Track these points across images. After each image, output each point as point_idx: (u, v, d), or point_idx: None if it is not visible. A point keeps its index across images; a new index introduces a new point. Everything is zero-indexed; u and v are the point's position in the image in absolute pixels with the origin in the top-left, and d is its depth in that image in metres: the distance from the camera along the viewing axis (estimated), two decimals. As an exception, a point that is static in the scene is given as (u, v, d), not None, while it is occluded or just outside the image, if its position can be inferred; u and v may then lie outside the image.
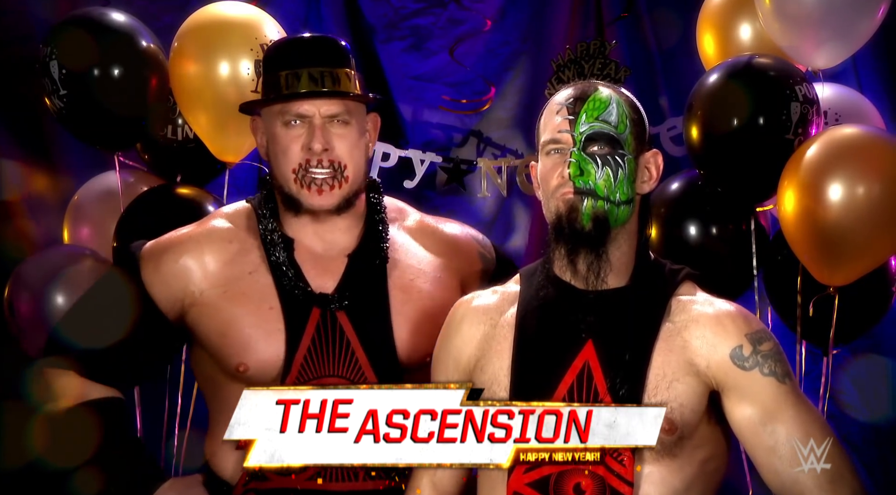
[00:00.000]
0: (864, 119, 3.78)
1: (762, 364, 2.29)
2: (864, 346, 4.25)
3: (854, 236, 3.39)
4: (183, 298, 2.72)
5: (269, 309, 2.70)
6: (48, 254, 3.91)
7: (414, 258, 2.81)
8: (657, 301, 2.33)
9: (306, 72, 2.70)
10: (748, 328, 2.32)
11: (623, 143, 2.30)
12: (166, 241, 2.80)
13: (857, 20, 3.55)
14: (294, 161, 2.69)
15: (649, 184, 2.36)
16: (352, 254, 2.75)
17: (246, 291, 2.71)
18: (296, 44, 2.78)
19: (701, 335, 2.31)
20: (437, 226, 2.89)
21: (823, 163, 3.42)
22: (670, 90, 4.46)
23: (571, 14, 4.58)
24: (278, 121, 2.71)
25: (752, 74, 3.56)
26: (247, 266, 2.73)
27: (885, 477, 4.39)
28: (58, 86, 3.62)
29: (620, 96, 2.34)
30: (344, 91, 2.72)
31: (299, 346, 2.67)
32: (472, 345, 2.44)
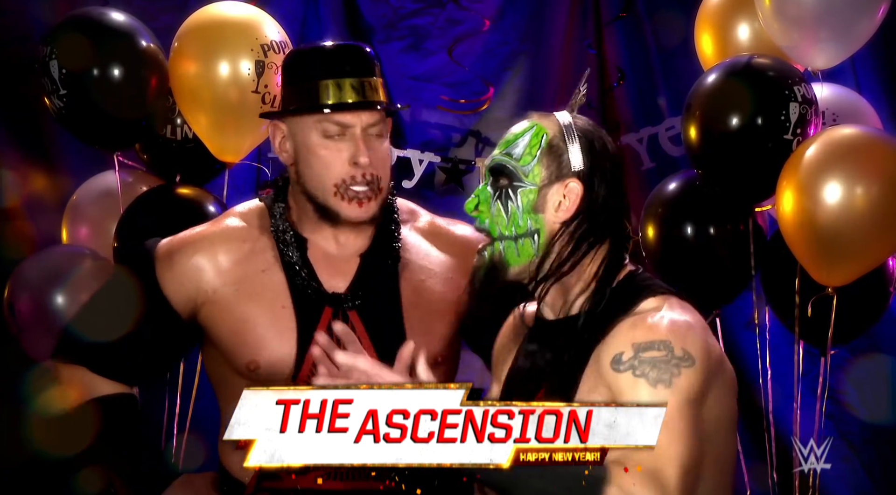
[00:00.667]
0: (861, 119, 3.78)
1: (636, 367, 2.16)
2: (862, 346, 4.26)
3: (852, 237, 3.39)
4: (196, 296, 2.73)
5: (282, 307, 2.71)
6: (48, 254, 3.91)
7: (425, 259, 2.81)
8: (603, 323, 2.26)
9: (348, 82, 2.69)
10: (642, 337, 2.18)
11: (524, 175, 2.29)
12: (180, 240, 2.80)
13: (856, 20, 3.55)
14: (337, 175, 2.68)
15: (563, 214, 2.29)
16: (364, 254, 2.76)
17: (259, 289, 2.72)
18: (332, 52, 2.74)
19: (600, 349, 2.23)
20: (449, 228, 2.89)
21: (822, 164, 3.42)
22: (669, 90, 4.47)
23: (570, 14, 4.59)
24: (316, 130, 2.70)
25: (751, 75, 3.56)
26: (260, 264, 2.74)
27: (884, 477, 4.40)
28: (58, 85, 3.62)
29: (551, 125, 2.31)
30: (385, 102, 2.72)
31: (311, 344, 2.61)
32: (502, 353, 2.48)
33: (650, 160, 4.25)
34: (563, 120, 2.33)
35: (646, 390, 2.15)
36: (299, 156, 2.73)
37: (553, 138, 2.31)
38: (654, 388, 2.14)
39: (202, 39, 3.65)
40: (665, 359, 2.16)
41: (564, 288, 2.32)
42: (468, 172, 4.42)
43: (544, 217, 2.30)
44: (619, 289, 2.31)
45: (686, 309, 2.27)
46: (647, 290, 2.29)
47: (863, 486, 4.39)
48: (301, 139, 2.72)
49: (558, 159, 2.30)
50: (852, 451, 4.37)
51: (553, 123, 2.32)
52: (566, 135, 2.32)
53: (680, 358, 2.16)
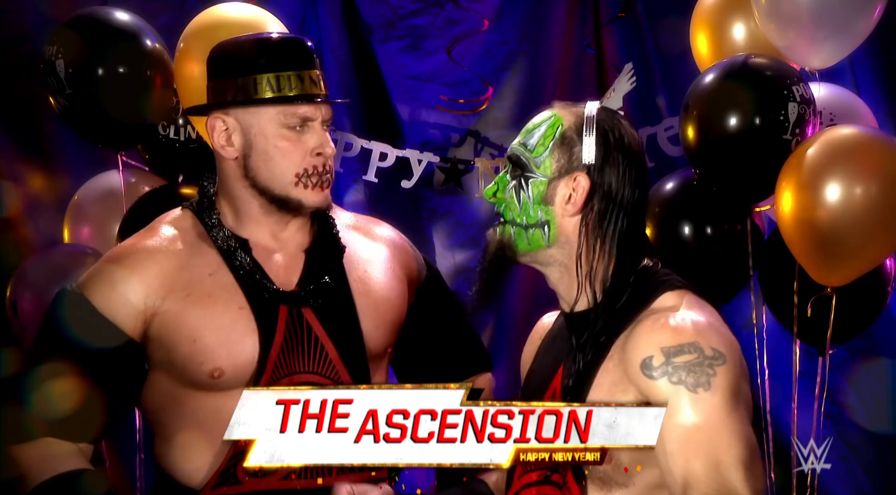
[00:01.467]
0: (858, 119, 3.78)
1: (671, 374, 2.16)
2: (861, 346, 4.26)
3: (852, 237, 3.39)
4: (144, 310, 2.62)
5: (240, 309, 2.64)
6: (51, 254, 3.91)
7: (362, 251, 2.79)
8: (621, 318, 2.27)
9: (307, 74, 2.68)
10: (669, 341, 2.18)
11: (535, 166, 2.29)
12: (111, 258, 2.70)
13: (853, 20, 3.55)
14: (298, 165, 2.66)
15: (572, 207, 2.30)
16: (308, 249, 2.73)
17: (210, 292, 2.65)
18: (286, 44, 2.72)
19: (625, 348, 2.23)
20: (374, 224, 2.89)
21: (821, 164, 3.42)
22: (668, 90, 4.47)
23: (569, 14, 4.59)
24: (275, 123, 2.66)
25: (750, 75, 3.56)
26: (205, 268, 2.67)
27: (883, 477, 4.40)
28: (63, 85, 3.62)
29: (569, 117, 2.31)
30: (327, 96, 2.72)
31: (272, 345, 2.64)
32: (527, 360, 2.49)
33: (649, 160, 4.23)
34: (586, 112, 2.31)
35: (686, 396, 2.15)
36: (253, 150, 2.66)
37: (567, 130, 2.30)
38: (695, 393, 2.15)
39: (207, 40, 3.62)
40: (698, 361, 2.17)
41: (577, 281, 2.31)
42: (467, 172, 4.42)
43: (554, 209, 2.30)
44: (637, 283, 2.31)
45: (703, 306, 2.27)
46: (664, 285, 2.30)
47: (861, 486, 4.40)
48: (256, 131, 2.66)
49: (569, 152, 2.30)
50: (851, 451, 4.37)
51: (572, 115, 2.32)
52: (582, 128, 2.30)
53: (711, 357, 2.17)
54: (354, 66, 4.56)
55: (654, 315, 2.24)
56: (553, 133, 2.30)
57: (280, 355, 2.64)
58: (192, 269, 2.66)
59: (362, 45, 4.54)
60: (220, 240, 2.68)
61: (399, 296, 2.80)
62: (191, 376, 2.63)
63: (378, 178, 4.35)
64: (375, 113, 4.56)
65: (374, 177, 4.34)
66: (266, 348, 2.63)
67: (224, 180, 2.71)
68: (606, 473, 2.21)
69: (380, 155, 4.33)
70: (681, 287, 2.30)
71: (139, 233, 2.74)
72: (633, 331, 2.23)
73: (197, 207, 2.73)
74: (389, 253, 2.83)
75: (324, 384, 2.65)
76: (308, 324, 2.67)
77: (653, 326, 2.21)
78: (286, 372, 2.64)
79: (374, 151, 4.33)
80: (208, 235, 2.69)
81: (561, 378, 2.30)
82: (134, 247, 2.68)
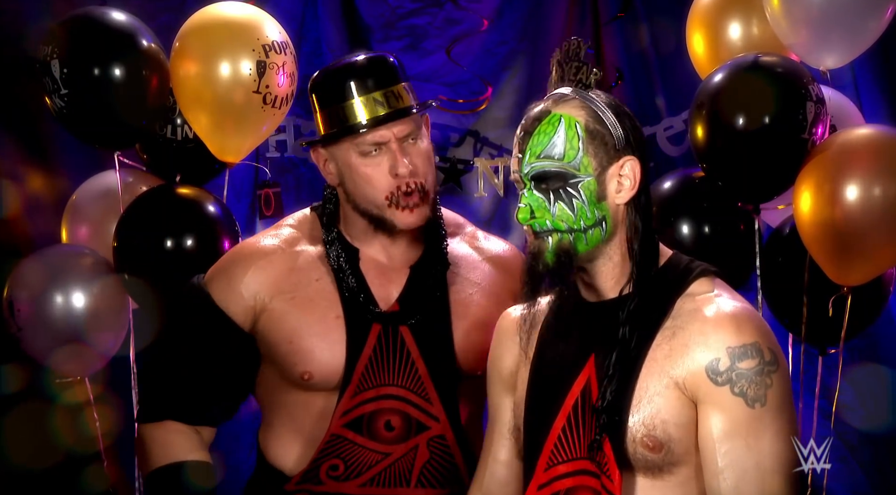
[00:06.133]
0: (848, 119, 3.76)
1: (735, 382, 2.19)
2: (861, 346, 4.26)
3: (870, 236, 3.37)
4: (254, 305, 2.78)
5: (336, 318, 2.75)
6: (48, 254, 3.90)
7: (472, 272, 2.85)
8: (658, 305, 2.27)
9: (372, 97, 2.72)
10: (734, 340, 2.21)
11: (575, 170, 2.25)
12: (235, 254, 2.86)
13: (866, 20, 3.52)
14: (385, 188, 2.72)
15: (626, 193, 2.28)
16: (414, 265, 2.80)
17: (313, 298, 2.77)
18: (353, 70, 2.76)
19: (684, 343, 2.23)
20: (491, 241, 2.93)
21: (840, 164, 3.40)
22: (667, 90, 4.47)
23: (568, 14, 4.58)
24: (353, 151, 2.74)
25: (768, 73, 3.50)
26: (313, 273, 2.79)
27: (881, 476, 4.40)
28: (59, 85, 3.60)
29: (579, 111, 2.27)
30: (411, 105, 2.74)
31: (360, 357, 2.73)
32: (511, 358, 2.46)
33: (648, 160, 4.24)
34: (583, 98, 2.29)
35: (743, 411, 2.19)
36: (344, 177, 2.76)
37: (588, 123, 2.27)
38: (752, 409, 2.19)
39: (203, 40, 3.64)
40: (758, 369, 2.19)
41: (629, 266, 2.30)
42: (466, 172, 4.42)
43: (607, 203, 2.27)
44: (667, 268, 2.31)
45: (733, 291, 2.31)
46: (693, 269, 2.30)
47: (860, 486, 4.40)
48: (342, 161, 2.76)
49: (602, 143, 2.27)
50: (850, 451, 4.37)
51: (575, 107, 2.28)
52: (598, 116, 2.28)
53: (769, 363, 2.20)
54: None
55: (702, 302, 2.25)
56: (575, 133, 2.26)
57: (367, 367, 2.73)
58: (301, 272, 2.79)
59: (362, 45, 4.53)
60: (332, 258, 2.79)
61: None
62: (286, 373, 2.77)
63: (377, 178, 4.33)
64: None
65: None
66: (353, 360, 2.73)
67: (341, 198, 2.82)
68: (654, 462, 2.23)
69: (379, 155, 4.32)
70: (709, 271, 2.31)
71: (265, 230, 2.91)
72: (685, 320, 2.24)
73: (322, 212, 2.85)
74: (501, 278, 2.86)
75: (409, 398, 2.74)
76: (402, 339, 2.75)
77: (717, 321, 2.23)
78: (373, 384, 2.73)
79: (374, 151, 4.32)
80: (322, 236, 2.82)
81: (595, 366, 2.28)
82: (255, 246, 2.84)
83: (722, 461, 2.19)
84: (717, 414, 2.20)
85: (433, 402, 2.75)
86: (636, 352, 2.25)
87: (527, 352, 2.41)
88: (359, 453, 2.73)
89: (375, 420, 2.74)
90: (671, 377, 2.23)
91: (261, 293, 2.77)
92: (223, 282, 2.80)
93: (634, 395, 2.23)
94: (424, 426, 2.75)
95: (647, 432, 2.22)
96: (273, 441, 2.83)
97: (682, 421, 2.23)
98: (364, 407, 2.73)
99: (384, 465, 2.74)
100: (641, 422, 2.22)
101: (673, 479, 2.24)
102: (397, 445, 2.74)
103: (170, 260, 3.62)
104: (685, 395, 2.22)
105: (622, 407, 2.23)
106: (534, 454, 2.33)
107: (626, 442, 2.23)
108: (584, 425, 2.27)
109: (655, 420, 2.22)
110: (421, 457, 2.74)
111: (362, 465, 2.73)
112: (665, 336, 2.25)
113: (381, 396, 2.73)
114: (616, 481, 2.21)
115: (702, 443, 2.22)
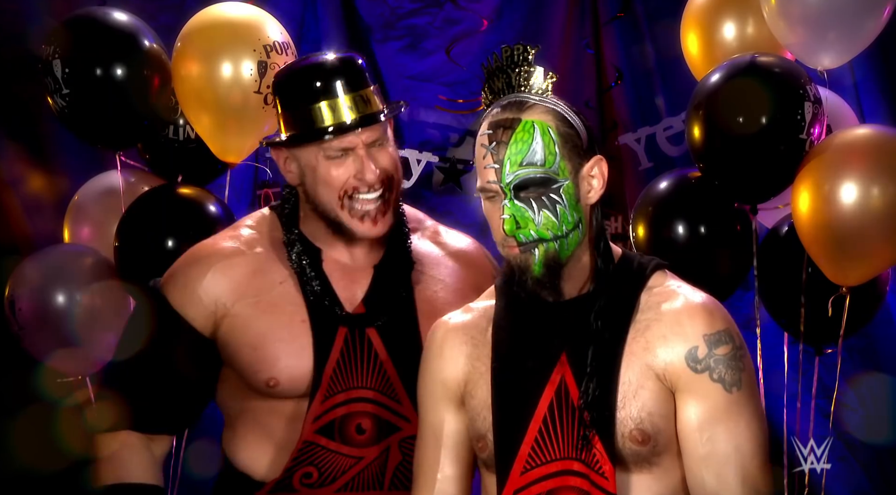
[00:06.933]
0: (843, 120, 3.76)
1: (713, 368, 2.24)
2: (859, 346, 4.27)
3: (869, 236, 3.38)
4: (216, 310, 2.69)
5: (301, 322, 2.68)
6: (49, 253, 3.91)
7: (436, 269, 2.80)
8: (625, 300, 2.30)
9: (341, 100, 2.65)
10: (708, 328, 2.26)
11: (556, 175, 2.25)
12: (191, 257, 2.76)
13: (863, 20, 3.53)
14: (338, 187, 2.65)
15: (595, 194, 2.30)
16: (378, 265, 2.74)
17: (277, 302, 2.69)
18: (321, 70, 2.68)
19: (661, 335, 2.26)
20: (453, 237, 2.88)
21: (838, 164, 3.40)
22: (667, 90, 4.47)
23: (567, 14, 4.59)
24: (318, 153, 2.66)
25: (766, 73, 3.50)
26: (276, 276, 2.71)
27: (881, 475, 4.41)
28: (60, 85, 3.61)
29: (546, 116, 2.27)
30: (381, 109, 2.69)
31: (328, 361, 2.67)
32: (457, 367, 2.39)
33: (648, 160, 4.26)
34: (544, 103, 2.29)
35: (722, 396, 2.25)
36: (305, 177, 2.69)
37: (559, 127, 2.27)
38: (730, 393, 2.25)
39: (205, 40, 3.64)
40: (733, 354, 2.26)
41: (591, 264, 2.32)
42: (466, 172, 4.43)
43: (581, 205, 2.29)
44: (622, 265, 2.34)
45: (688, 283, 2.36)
46: (646, 263, 2.35)
47: (860, 486, 4.40)
48: (305, 162, 2.68)
49: (573, 145, 2.28)
50: (850, 451, 4.38)
51: (542, 113, 2.27)
52: (566, 119, 2.29)
53: (739, 347, 2.28)
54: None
55: (668, 295, 2.30)
56: (550, 138, 2.26)
57: (336, 371, 2.67)
58: (265, 276, 2.71)
59: (361, 45, 4.53)
60: (293, 258, 2.71)
61: None
62: (249, 381, 2.69)
63: (377, 178, 4.33)
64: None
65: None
66: (321, 364, 2.66)
67: (301, 198, 2.75)
68: (641, 454, 2.26)
69: (379, 155, 4.32)
70: (661, 264, 2.37)
71: (224, 230, 2.81)
72: (656, 313, 2.28)
73: (281, 212, 2.76)
74: (464, 274, 2.82)
75: (379, 400, 2.70)
76: (370, 340, 2.70)
77: (689, 311, 2.27)
78: (343, 387, 2.68)
79: (374, 151, 4.32)
80: (283, 238, 2.73)
81: (570, 364, 2.29)
82: (213, 248, 2.74)
83: (704, 448, 2.24)
84: (697, 401, 2.25)
85: (403, 403, 2.69)
86: (612, 346, 2.27)
87: (480, 358, 2.37)
88: (332, 459, 2.67)
89: (347, 424, 2.67)
90: (652, 369, 2.26)
91: (222, 298, 2.68)
92: (181, 286, 2.70)
93: (619, 390, 2.25)
94: (395, 427, 2.69)
95: (634, 426, 2.24)
96: (240, 446, 2.75)
97: (664, 412, 2.26)
98: (335, 411, 2.67)
99: (358, 469, 2.68)
100: (629, 416, 2.25)
101: (657, 470, 2.27)
102: (369, 448, 2.68)
103: (171, 260, 3.61)
104: (665, 386, 2.26)
105: (608, 402, 2.25)
106: (507, 459, 2.30)
107: (615, 437, 2.25)
108: (564, 425, 2.28)
109: (642, 413, 2.25)
110: (393, 459, 2.69)
111: (336, 471, 2.67)
112: (638, 329, 2.28)
113: (352, 399, 2.67)
114: (610, 477, 2.23)
115: (682, 431, 2.26)
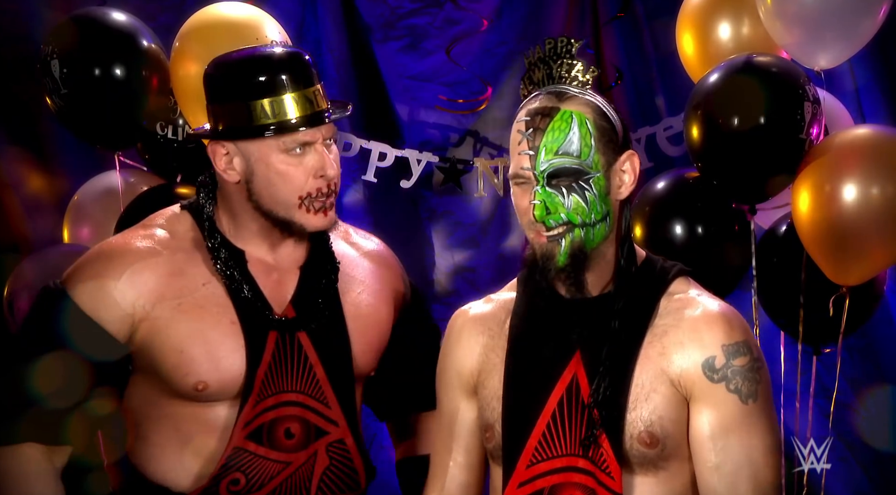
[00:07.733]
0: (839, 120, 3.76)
1: (730, 379, 2.25)
2: (858, 345, 4.27)
3: (869, 236, 3.39)
4: (133, 314, 2.58)
5: (231, 323, 2.61)
6: (48, 253, 3.91)
7: (355, 270, 2.77)
8: (644, 303, 2.31)
9: (304, 94, 2.61)
10: (727, 338, 2.27)
11: (589, 167, 2.27)
12: (101, 257, 2.64)
13: (859, 20, 3.54)
14: (302, 189, 2.59)
15: (626, 189, 2.32)
16: (304, 265, 2.69)
17: (202, 303, 2.60)
18: (277, 64, 2.63)
19: (678, 341, 2.27)
20: (364, 237, 2.86)
21: (838, 164, 3.41)
22: (667, 90, 4.47)
23: (568, 14, 4.58)
24: (274, 149, 2.59)
25: (766, 73, 3.52)
26: (198, 277, 2.62)
27: (881, 476, 4.40)
28: (59, 85, 3.62)
29: (585, 108, 2.29)
30: (339, 107, 2.67)
31: (260, 364, 2.60)
32: (472, 357, 2.43)
33: (648, 160, 4.25)
34: (584, 95, 2.31)
35: (738, 407, 2.25)
36: (255, 175, 2.61)
37: (597, 120, 2.29)
38: (746, 405, 2.26)
39: (204, 40, 3.64)
40: (750, 366, 2.26)
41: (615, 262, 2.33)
42: (466, 172, 4.42)
43: (611, 199, 2.31)
44: (645, 268, 2.35)
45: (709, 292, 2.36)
46: (670, 268, 2.35)
47: (860, 486, 4.40)
48: (257, 157, 2.61)
49: (608, 139, 2.30)
50: (850, 451, 4.38)
51: (581, 105, 2.29)
52: (604, 112, 2.31)
53: (757, 358, 2.28)
54: (353, 66, 4.56)
55: (688, 302, 2.30)
56: (587, 130, 2.28)
57: (268, 374, 2.61)
58: (185, 277, 2.62)
59: (361, 45, 4.53)
60: (214, 246, 2.63)
61: (387, 321, 2.78)
62: (174, 386, 2.60)
63: (377, 178, 4.34)
64: (374, 113, 4.56)
65: (374, 177, 4.33)
66: (254, 366, 2.60)
67: (227, 196, 2.67)
68: (648, 457, 2.26)
69: (379, 155, 4.32)
70: (684, 271, 2.37)
71: (132, 229, 2.68)
72: (675, 319, 2.28)
73: (195, 210, 2.69)
74: (381, 274, 2.80)
75: (308, 404, 2.65)
76: (300, 343, 2.65)
77: (709, 320, 2.28)
78: (273, 391, 2.62)
79: (374, 151, 4.32)
80: (205, 243, 2.64)
81: (583, 362, 2.30)
82: (127, 247, 2.63)
83: (717, 457, 2.25)
84: (712, 410, 2.25)
85: (331, 406, 2.65)
86: (628, 348, 2.28)
87: (496, 350, 2.39)
88: (260, 464, 2.61)
89: (275, 428, 2.62)
90: (666, 374, 2.27)
91: (140, 300, 2.56)
92: (91, 288, 2.58)
93: (631, 392, 2.27)
94: (323, 431, 2.65)
95: (644, 428, 2.26)
96: (153, 456, 2.64)
97: (676, 417, 2.27)
98: (265, 415, 2.61)
99: (285, 475, 2.63)
100: (639, 418, 2.26)
101: (662, 474, 2.28)
102: (297, 453, 2.63)
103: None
104: (679, 392, 2.27)
105: (619, 402, 2.26)
106: (514, 451, 2.32)
107: (623, 438, 2.26)
108: (573, 421, 2.29)
109: (653, 416, 2.26)
110: (320, 464, 2.65)
111: (264, 477, 2.61)
112: (656, 334, 2.29)
113: (281, 403, 2.62)
114: (617, 477, 2.24)
115: (695, 439, 2.27)
